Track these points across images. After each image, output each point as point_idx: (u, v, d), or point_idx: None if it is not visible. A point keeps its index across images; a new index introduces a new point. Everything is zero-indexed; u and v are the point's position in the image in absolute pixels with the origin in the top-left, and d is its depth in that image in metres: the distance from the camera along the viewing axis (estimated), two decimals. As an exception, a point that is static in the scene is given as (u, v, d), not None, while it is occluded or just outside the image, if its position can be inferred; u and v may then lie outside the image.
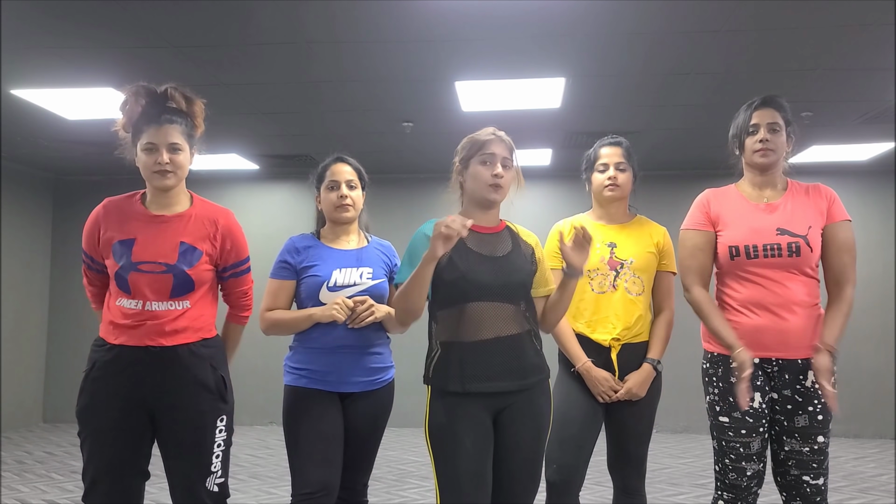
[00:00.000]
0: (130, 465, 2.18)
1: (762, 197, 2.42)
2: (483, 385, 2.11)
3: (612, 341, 2.55)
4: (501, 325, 2.15)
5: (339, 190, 2.55)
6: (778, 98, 2.45)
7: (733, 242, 2.36)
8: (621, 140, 2.71)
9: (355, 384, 2.48)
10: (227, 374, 2.30)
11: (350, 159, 2.64)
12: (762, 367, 2.33)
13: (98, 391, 2.17)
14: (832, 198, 2.41)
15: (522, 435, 2.16)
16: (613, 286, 2.58)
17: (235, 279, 2.36)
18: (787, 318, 2.29)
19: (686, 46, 3.55)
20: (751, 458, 2.31)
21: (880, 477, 5.07)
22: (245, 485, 4.71)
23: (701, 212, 2.47)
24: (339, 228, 2.61)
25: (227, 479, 2.27)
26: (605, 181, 2.65)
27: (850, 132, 5.22)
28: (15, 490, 4.63)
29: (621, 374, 2.54)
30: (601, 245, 2.62)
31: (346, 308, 2.41)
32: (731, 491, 2.34)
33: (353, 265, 2.53)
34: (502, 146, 2.22)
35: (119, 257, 2.18)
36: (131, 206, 2.26)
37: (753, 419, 2.31)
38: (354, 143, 5.70)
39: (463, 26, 3.27)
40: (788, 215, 2.36)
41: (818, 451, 2.30)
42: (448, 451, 2.09)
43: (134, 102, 2.20)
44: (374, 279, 2.53)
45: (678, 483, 4.78)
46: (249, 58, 3.71)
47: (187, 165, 2.24)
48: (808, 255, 2.31)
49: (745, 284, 2.36)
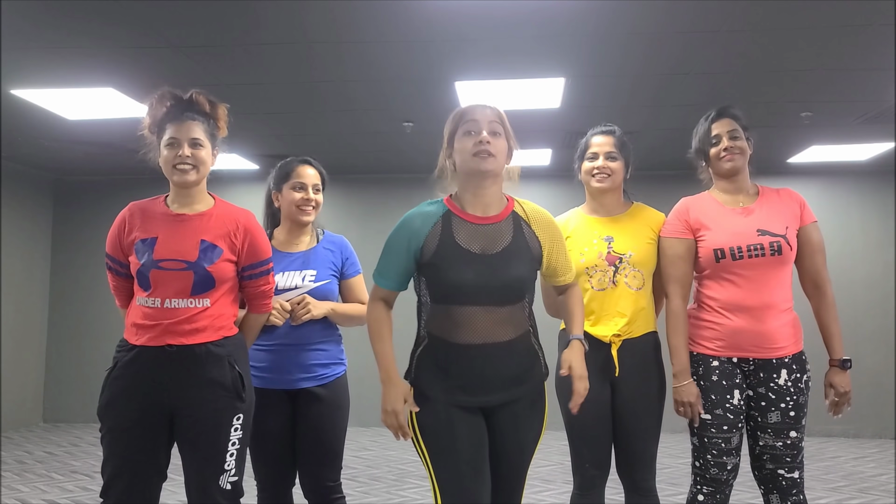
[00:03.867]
0: (147, 463, 2.20)
1: (737, 202, 2.52)
2: (466, 400, 2.01)
3: (613, 337, 2.49)
4: (492, 331, 2.00)
5: (306, 192, 2.61)
6: (732, 108, 2.56)
7: (718, 245, 2.43)
8: (614, 129, 2.63)
9: (299, 380, 2.55)
10: (246, 372, 2.30)
11: (315, 162, 2.70)
12: (740, 366, 2.44)
13: (117, 390, 2.20)
14: (802, 201, 2.54)
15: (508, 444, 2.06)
16: (613, 282, 2.51)
17: (255, 280, 2.37)
18: (764, 320, 2.39)
19: (686, 46, 3.55)
20: (731, 452, 2.41)
21: (880, 477, 5.07)
22: (245, 485, 4.71)
23: (679, 219, 2.54)
24: (293, 229, 2.65)
25: (241, 477, 2.28)
26: (592, 169, 2.58)
27: (850, 132, 5.22)
28: (15, 490, 4.63)
29: (621, 371, 2.47)
30: (598, 240, 2.55)
31: (284, 311, 2.49)
32: (712, 484, 2.43)
33: (297, 268, 2.59)
34: (487, 112, 2.06)
35: (141, 255, 2.22)
36: (154, 207, 2.31)
37: (733, 415, 2.41)
38: (354, 143, 5.70)
39: (463, 26, 3.27)
40: (765, 217, 2.47)
41: (791, 445, 2.40)
42: (443, 445, 1.99)
43: (159, 104, 2.27)
44: (316, 281, 2.59)
45: (678, 483, 4.78)
46: (250, 58, 3.71)
47: (209, 163, 2.29)
48: (789, 253, 2.42)
49: (725, 286, 2.43)
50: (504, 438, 2.06)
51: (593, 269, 2.54)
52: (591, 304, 2.53)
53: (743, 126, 2.51)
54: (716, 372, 2.42)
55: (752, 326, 2.39)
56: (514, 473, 2.09)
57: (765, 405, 2.41)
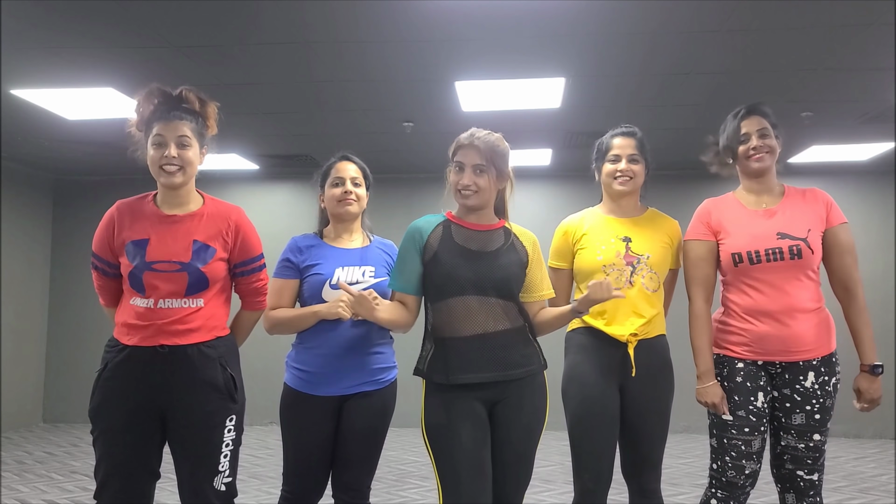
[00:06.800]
0: (140, 464, 2.19)
1: (760, 203, 2.48)
2: (466, 376, 2.14)
3: (630, 337, 2.46)
4: (489, 321, 2.17)
5: (345, 186, 2.55)
6: (762, 105, 2.50)
7: (735, 249, 2.41)
8: (635, 130, 2.60)
9: (356, 385, 2.46)
10: (237, 374, 2.30)
11: (355, 158, 2.65)
12: (766, 368, 2.41)
13: (109, 392, 2.18)
14: (829, 202, 2.47)
15: (513, 430, 2.18)
16: (630, 282, 2.48)
17: (247, 276, 2.37)
18: (789, 324, 2.35)
19: (686, 46, 3.55)
20: (751, 456, 2.36)
21: (880, 477, 5.08)
22: (245, 485, 4.71)
23: (702, 222, 2.52)
24: (341, 227, 2.59)
25: (235, 478, 2.27)
26: (614, 171, 2.55)
27: (850, 132, 5.22)
28: (15, 490, 4.63)
29: (638, 371, 2.45)
30: (615, 239, 2.53)
31: (350, 305, 2.37)
32: (726, 489, 2.39)
33: (355, 263, 2.53)
34: (474, 153, 2.20)
35: (133, 257, 2.19)
36: (143, 207, 2.27)
37: (756, 418, 2.37)
38: (354, 143, 5.69)
39: (463, 26, 3.27)
40: (787, 219, 2.42)
41: (813, 448, 2.36)
42: (445, 446, 2.11)
43: (147, 102, 2.23)
44: (376, 277, 2.52)
45: (678, 483, 4.78)
46: (250, 58, 3.71)
47: (196, 163, 2.25)
48: (810, 257, 2.36)
49: (749, 292, 2.40)
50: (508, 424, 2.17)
51: (611, 266, 2.50)
52: (605, 304, 2.44)
53: (772, 124, 2.47)
54: (740, 373, 2.40)
55: (778, 331, 2.35)
56: (519, 462, 2.19)
57: (789, 406, 2.37)
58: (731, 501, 2.39)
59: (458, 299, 2.16)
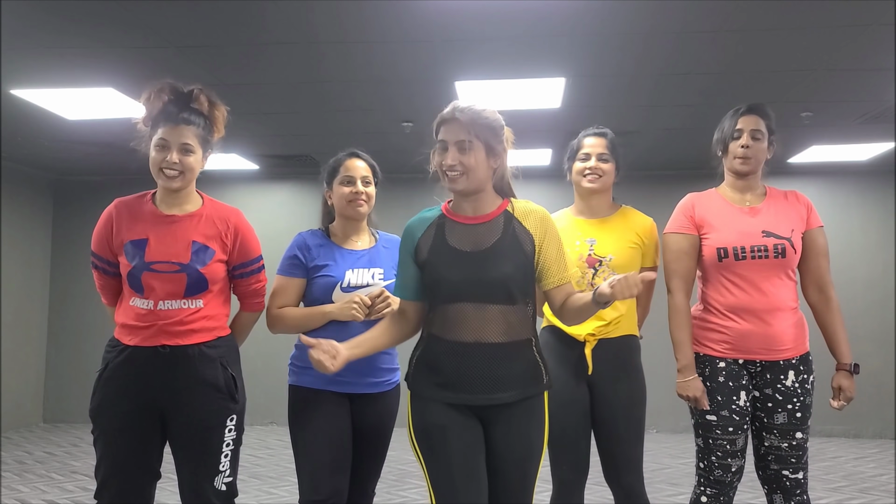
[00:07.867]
0: (140, 464, 2.19)
1: (744, 200, 2.51)
2: (444, 394, 1.98)
3: (588, 336, 2.47)
4: (483, 330, 1.96)
5: (355, 185, 2.52)
6: (764, 106, 2.52)
7: (721, 244, 2.42)
8: (606, 131, 2.64)
9: (366, 385, 2.45)
10: (238, 374, 2.30)
11: (364, 154, 2.62)
12: (746, 367, 2.43)
13: (109, 392, 2.18)
14: (809, 205, 2.53)
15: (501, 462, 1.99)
16: (591, 284, 2.49)
17: (246, 278, 2.36)
18: (771, 323, 2.38)
19: (686, 46, 3.55)
20: (735, 454, 2.41)
21: (880, 477, 5.07)
22: (245, 485, 4.71)
23: (685, 215, 2.53)
24: (350, 226, 2.57)
25: (235, 478, 2.27)
26: (583, 169, 2.58)
27: (850, 132, 5.22)
28: (15, 490, 4.63)
29: (595, 370, 2.46)
30: (581, 242, 2.55)
31: (364, 306, 2.37)
32: (715, 486, 2.43)
33: (365, 266, 2.52)
34: (457, 127, 1.96)
35: (132, 258, 2.18)
36: (142, 206, 2.26)
37: (739, 417, 2.40)
38: (354, 143, 5.63)
39: (463, 26, 3.27)
40: (772, 218, 2.45)
41: (796, 446, 2.40)
42: (436, 448, 1.97)
43: (157, 98, 2.20)
44: (385, 279, 2.52)
45: (678, 483, 4.78)
46: (249, 58, 3.71)
47: (198, 168, 2.24)
48: (792, 256, 2.42)
49: (731, 289, 2.42)
50: (500, 448, 2.00)
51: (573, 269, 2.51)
52: None
53: (770, 128, 2.49)
54: (722, 373, 2.41)
55: (760, 329, 2.38)
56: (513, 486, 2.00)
57: (771, 406, 2.40)
58: (720, 497, 2.43)
59: (452, 306, 1.98)
